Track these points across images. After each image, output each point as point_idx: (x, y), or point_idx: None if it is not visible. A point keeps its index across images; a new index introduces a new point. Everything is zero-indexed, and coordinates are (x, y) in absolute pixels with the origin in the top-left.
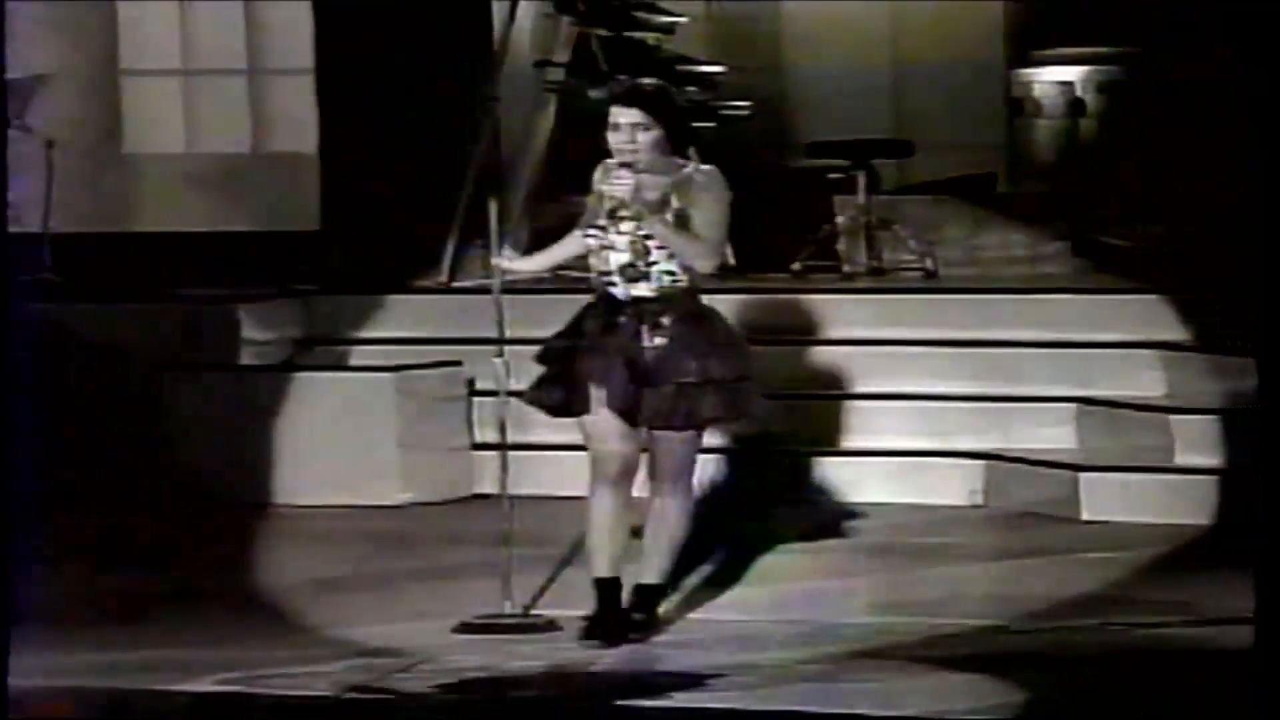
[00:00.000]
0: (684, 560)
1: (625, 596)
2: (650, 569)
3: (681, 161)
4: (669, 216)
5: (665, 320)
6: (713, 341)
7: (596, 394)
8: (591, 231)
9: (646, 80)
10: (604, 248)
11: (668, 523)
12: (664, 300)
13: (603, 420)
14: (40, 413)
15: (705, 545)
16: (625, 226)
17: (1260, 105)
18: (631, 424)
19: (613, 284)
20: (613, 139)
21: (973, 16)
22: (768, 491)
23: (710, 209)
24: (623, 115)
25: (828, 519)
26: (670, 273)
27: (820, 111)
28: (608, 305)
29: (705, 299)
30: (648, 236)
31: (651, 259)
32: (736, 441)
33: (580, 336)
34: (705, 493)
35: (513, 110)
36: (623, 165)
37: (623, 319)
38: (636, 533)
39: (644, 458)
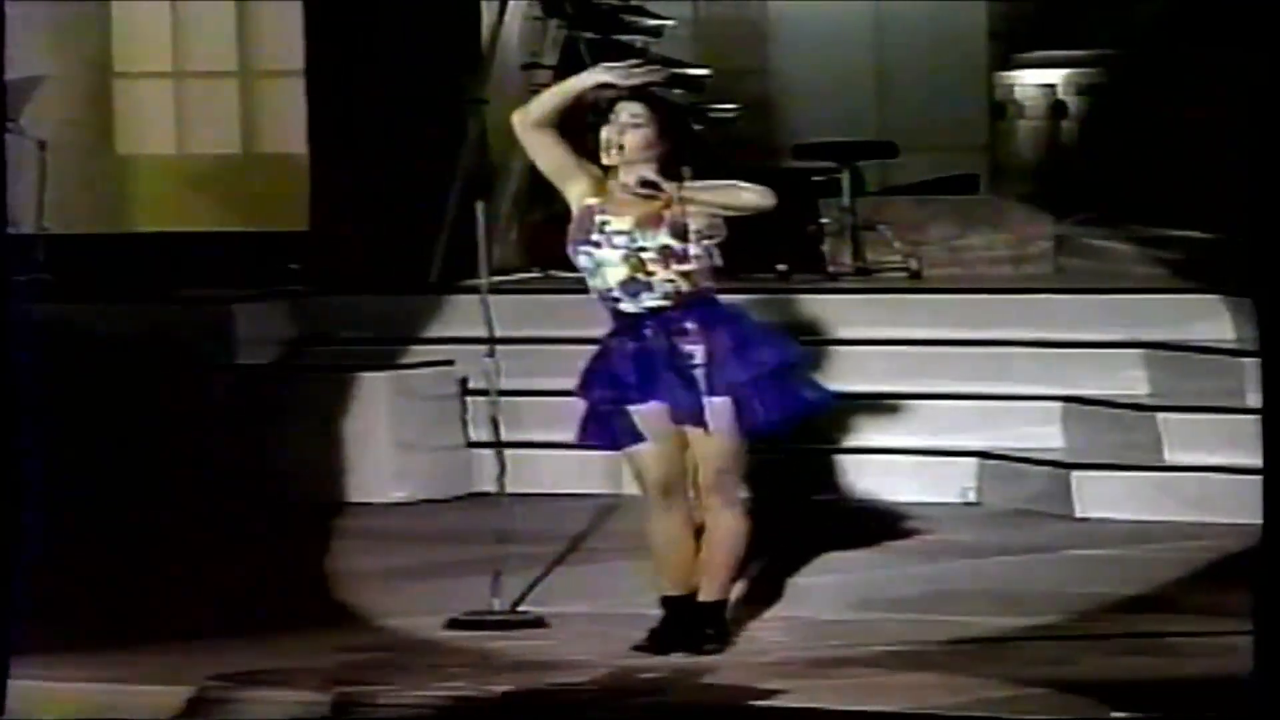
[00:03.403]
0: None
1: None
2: (708, 586)
3: (669, 185)
4: (664, 230)
5: (690, 326)
6: (748, 335)
7: (644, 416)
8: (585, 249)
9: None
10: (599, 265)
11: (718, 536)
12: (678, 306)
13: (650, 442)
14: (35, 412)
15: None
16: (618, 241)
17: (1257, 100)
18: (705, 429)
19: (617, 299)
20: (604, 134)
21: (956, 19)
22: (759, 489)
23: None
24: (623, 112)
25: (820, 516)
26: (671, 280)
27: (806, 114)
28: (626, 325)
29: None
30: (641, 249)
31: (650, 270)
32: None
33: (612, 366)
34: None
35: (501, 112)
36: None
37: (648, 332)
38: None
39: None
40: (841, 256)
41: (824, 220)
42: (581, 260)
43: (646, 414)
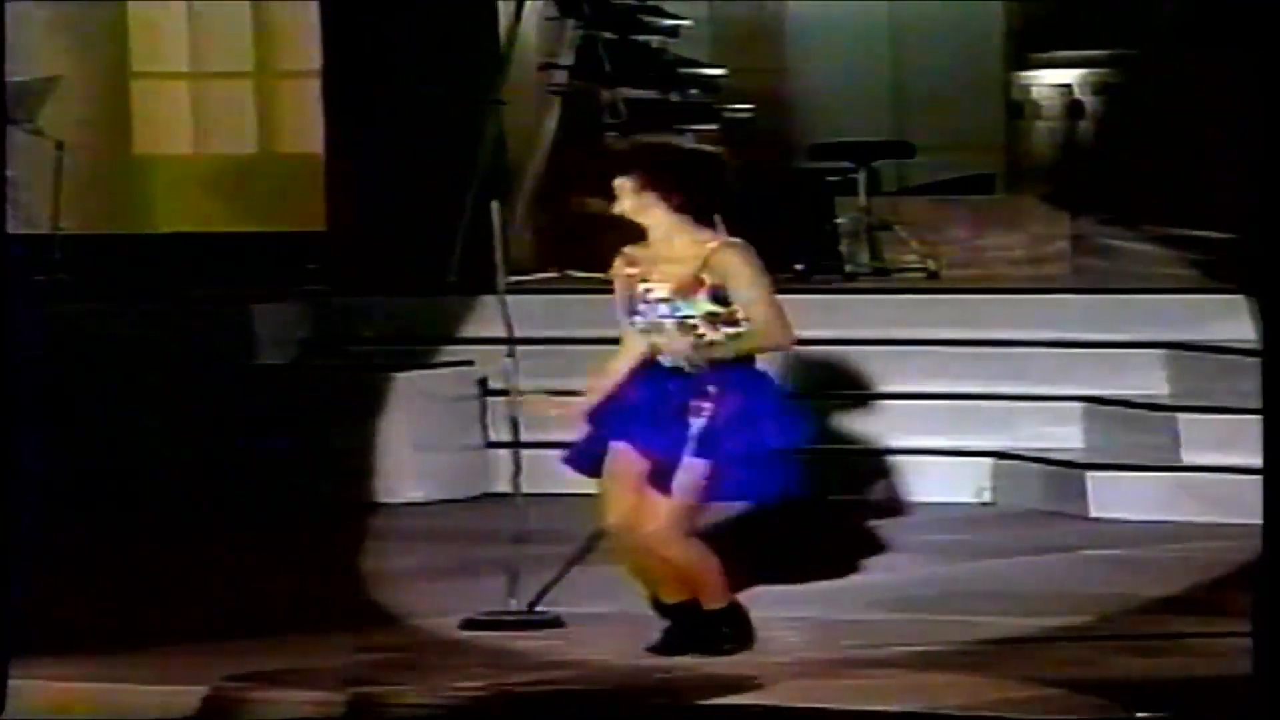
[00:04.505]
0: None
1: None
2: (704, 598)
3: (704, 235)
4: (704, 296)
5: (711, 389)
6: (757, 413)
7: (616, 453)
8: (635, 320)
9: (654, 137)
10: (652, 332)
11: (680, 565)
12: (713, 369)
13: (618, 476)
14: (47, 412)
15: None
16: (662, 310)
17: (1259, 103)
18: (665, 493)
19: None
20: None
21: (972, 19)
22: (775, 490)
23: (755, 285)
24: (616, 188)
25: (836, 516)
26: (718, 343)
27: (822, 114)
28: (655, 373)
29: None
30: (686, 317)
31: (700, 332)
32: None
33: (629, 401)
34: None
35: (518, 113)
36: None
37: (671, 387)
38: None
39: None
40: (859, 256)
41: (840, 220)
42: (637, 322)
43: (617, 451)
